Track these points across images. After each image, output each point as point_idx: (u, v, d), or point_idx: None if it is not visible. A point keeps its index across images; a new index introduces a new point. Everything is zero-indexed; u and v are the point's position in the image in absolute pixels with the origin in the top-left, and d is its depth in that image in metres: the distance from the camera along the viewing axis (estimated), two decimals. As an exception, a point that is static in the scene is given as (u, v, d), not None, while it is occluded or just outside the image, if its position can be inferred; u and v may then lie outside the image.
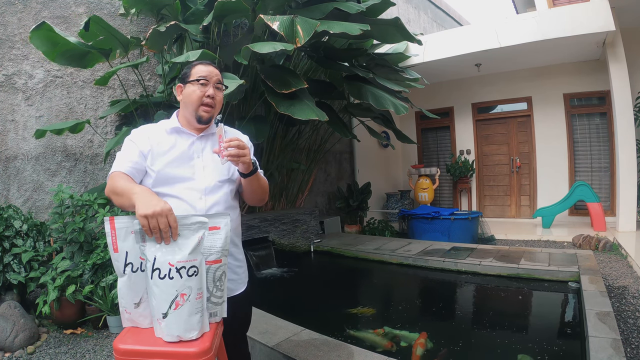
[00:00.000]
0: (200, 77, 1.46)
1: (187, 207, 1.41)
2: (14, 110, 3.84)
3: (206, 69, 1.49)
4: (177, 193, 1.42)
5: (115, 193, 1.33)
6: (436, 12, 11.42)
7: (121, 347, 1.25)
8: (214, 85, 1.48)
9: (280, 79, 3.88)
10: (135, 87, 4.66)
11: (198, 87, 1.46)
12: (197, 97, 1.46)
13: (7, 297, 3.10)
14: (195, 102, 1.46)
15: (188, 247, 1.23)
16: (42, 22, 3.20)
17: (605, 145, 6.81)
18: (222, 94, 1.54)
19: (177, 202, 1.40)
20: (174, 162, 1.43)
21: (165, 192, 1.42)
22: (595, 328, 2.29)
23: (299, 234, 5.25)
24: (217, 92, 1.50)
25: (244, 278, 1.61)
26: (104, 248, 3.26)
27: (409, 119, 8.60)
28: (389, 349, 2.46)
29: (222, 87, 1.53)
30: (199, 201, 1.43)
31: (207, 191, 1.45)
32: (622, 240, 5.03)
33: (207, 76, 1.47)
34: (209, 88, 1.47)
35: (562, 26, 5.42)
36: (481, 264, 3.99)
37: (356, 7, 3.84)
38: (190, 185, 1.43)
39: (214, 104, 1.49)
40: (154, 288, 1.23)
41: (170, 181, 1.42)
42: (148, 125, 1.55)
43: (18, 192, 3.80)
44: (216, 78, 1.49)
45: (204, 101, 1.46)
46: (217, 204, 1.46)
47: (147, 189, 1.33)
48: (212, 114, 1.49)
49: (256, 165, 1.45)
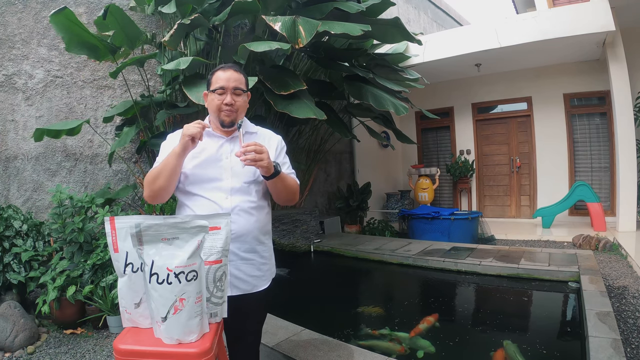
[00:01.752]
0: (217, 88, 1.51)
1: (215, 205, 1.48)
2: (14, 110, 3.83)
3: (224, 76, 1.52)
4: (205, 193, 1.49)
5: (156, 176, 1.44)
6: (436, 12, 11.42)
7: (121, 347, 1.25)
8: (232, 92, 1.51)
9: (279, 80, 3.87)
10: (136, 87, 4.66)
11: (216, 96, 1.51)
12: (216, 106, 1.52)
13: (7, 297, 3.10)
14: (215, 110, 1.53)
15: (187, 252, 1.23)
16: (64, 7, 3.21)
17: (605, 145, 6.81)
18: (244, 97, 1.56)
19: (204, 202, 1.49)
20: (203, 164, 1.50)
21: (194, 191, 1.50)
22: (595, 328, 2.29)
23: (299, 234, 5.25)
24: (236, 98, 1.53)
25: (268, 276, 1.64)
26: (104, 248, 3.26)
27: (409, 119, 8.60)
28: (403, 353, 2.44)
29: (242, 92, 1.54)
30: (225, 201, 1.49)
31: (233, 191, 1.50)
32: (622, 240, 5.03)
33: (225, 85, 1.51)
34: (226, 96, 1.51)
35: (562, 26, 5.41)
36: (481, 264, 3.99)
37: (356, 7, 3.83)
38: (218, 186, 1.49)
39: (235, 109, 1.52)
40: (153, 292, 1.23)
41: (199, 182, 1.49)
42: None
43: (18, 192, 3.80)
44: (234, 84, 1.52)
45: (222, 109, 1.51)
46: (243, 203, 1.51)
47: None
48: (234, 118, 1.53)
49: (278, 168, 1.48)
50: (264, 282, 1.61)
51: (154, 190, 1.45)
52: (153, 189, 1.45)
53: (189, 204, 1.52)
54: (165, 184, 1.43)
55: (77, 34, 3.37)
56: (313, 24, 3.34)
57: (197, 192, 1.50)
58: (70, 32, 3.35)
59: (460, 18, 12.92)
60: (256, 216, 1.54)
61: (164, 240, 1.25)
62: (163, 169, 1.42)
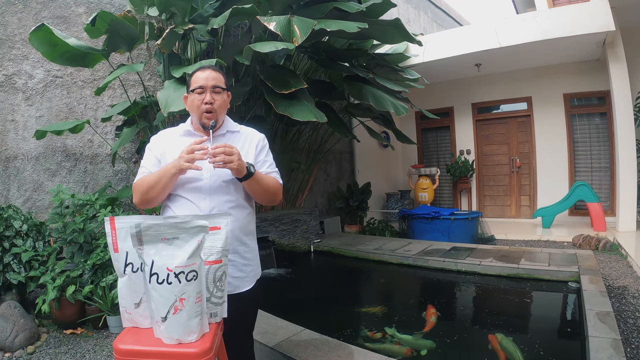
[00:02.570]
0: (196, 87, 1.52)
1: (193, 206, 1.47)
2: (14, 110, 3.84)
3: (203, 75, 1.53)
4: (185, 194, 1.49)
5: (149, 187, 1.45)
6: (436, 12, 11.42)
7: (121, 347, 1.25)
8: (212, 91, 1.52)
9: (280, 79, 3.87)
10: (136, 87, 4.66)
11: (196, 96, 1.52)
12: (196, 106, 1.53)
13: (7, 297, 3.10)
14: (196, 111, 1.53)
15: (187, 252, 1.23)
16: (42, 24, 3.21)
17: (605, 145, 6.81)
18: (224, 96, 1.56)
19: (184, 202, 1.49)
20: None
21: (176, 192, 1.50)
22: (595, 328, 2.29)
23: (299, 234, 5.25)
24: (215, 97, 1.52)
25: (251, 277, 1.62)
26: (104, 248, 3.25)
27: (409, 119, 8.59)
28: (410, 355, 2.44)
29: (221, 89, 1.54)
30: (202, 201, 1.48)
31: (211, 191, 1.49)
32: (622, 240, 5.03)
33: (204, 84, 1.51)
34: (205, 95, 1.51)
35: (562, 26, 5.41)
36: (481, 264, 3.99)
37: (356, 7, 3.83)
38: (197, 186, 1.49)
39: (214, 109, 1.52)
40: (153, 292, 1.23)
41: (181, 182, 1.48)
42: (166, 129, 1.64)
43: (18, 192, 3.80)
44: (213, 83, 1.52)
45: (202, 108, 1.51)
46: (221, 204, 1.50)
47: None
48: (215, 119, 1.53)
49: (251, 170, 1.46)
50: (247, 283, 1.59)
51: (146, 199, 1.48)
52: (145, 198, 1.48)
53: (171, 205, 1.52)
54: (158, 196, 1.47)
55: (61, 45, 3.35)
56: (308, 22, 3.33)
57: (178, 193, 1.49)
58: (53, 44, 3.34)
59: (460, 18, 12.92)
60: (235, 216, 1.51)
61: (164, 240, 1.25)
62: (157, 182, 1.44)
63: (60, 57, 3.48)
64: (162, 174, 1.43)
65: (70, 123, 3.77)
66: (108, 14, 3.41)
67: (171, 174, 1.41)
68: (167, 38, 3.41)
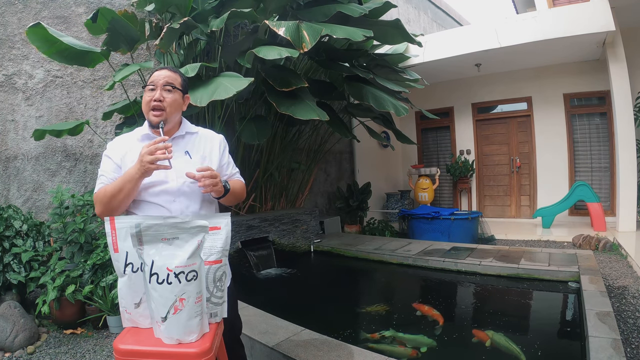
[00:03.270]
0: (148, 84, 1.50)
1: (164, 210, 1.44)
2: (14, 110, 3.84)
3: (157, 73, 1.52)
4: (152, 198, 1.45)
5: (112, 196, 1.38)
6: (436, 12, 11.42)
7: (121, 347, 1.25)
8: (162, 88, 1.48)
9: (281, 78, 3.88)
10: (136, 86, 4.66)
11: (148, 93, 1.50)
12: (145, 103, 1.49)
13: (7, 297, 3.10)
14: (145, 108, 1.50)
15: (187, 251, 1.23)
16: (37, 22, 3.20)
17: (605, 145, 6.81)
18: (175, 95, 1.51)
19: (151, 207, 1.45)
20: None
21: (141, 198, 1.45)
22: (595, 328, 2.29)
23: (299, 234, 5.25)
24: (165, 95, 1.48)
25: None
26: (104, 248, 3.26)
27: (409, 119, 8.60)
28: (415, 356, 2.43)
29: (172, 88, 1.51)
30: (173, 203, 1.45)
31: (180, 193, 1.46)
32: (622, 240, 5.03)
33: (154, 81, 1.49)
34: (156, 92, 1.48)
35: (562, 26, 5.41)
36: (481, 264, 3.99)
37: (359, 10, 3.84)
38: (164, 189, 1.45)
39: (163, 107, 1.48)
40: (153, 292, 1.23)
41: (145, 186, 1.43)
42: (123, 135, 1.59)
43: (18, 192, 3.80)
44: (164, 80, 1.49)
45: (151, 105, 1.47)
46: (192, 204, 1.48)
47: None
48: (162, 118, 1.47)
49: (227, 187, 1.50)
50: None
51: (109, 209, 1.40)
52: (108, 208, 1.40)
53: (135, 212, 1.47)
54: (121, 204, 1.40)
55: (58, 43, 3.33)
56: (316, 28, 3.34)
57: (144, 198, 1.45)
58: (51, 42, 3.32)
59: (460, 18, 12.92)
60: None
61: (164, 240, 1.25)
62: (120, 189, 1.37)
63: (58, 55, 3.44)
64: (126, 179, 1.36)
65: (70, 124, 3.76)
66: (109, 11, 3.39)
67: (135, 179, 1.35)
68: (166, 36, 3.40)
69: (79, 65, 3.80)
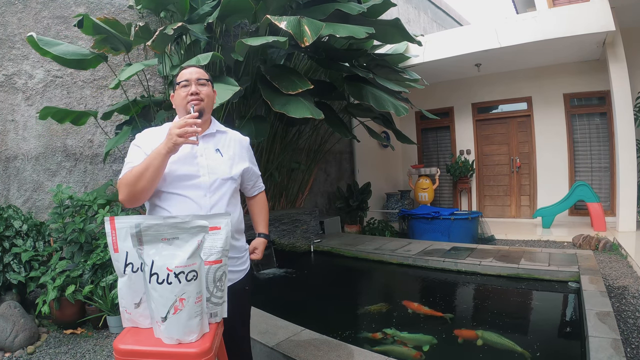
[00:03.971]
0: (181, 81, 1.56)
1: (194, 204, 1.46)
2: (14, 110, 3.84)
3: (187, 71, 1.58)
4: (183, 191, 1.47)
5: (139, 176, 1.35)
6: (436, 12, 11.42)
7: (121, 347, 1.25)
8: (197, 83, 1.55)
9: (286, 79, 3.87)
10: (136, 87, 4.66)
11: (182, 89, 1.55)
12: (181, 98, 1.55)
13: (7, 297, 3.10)
14: (183, 103, 1.55)
15: (187, 251, 1.23)
16: (30, 34, 3.22)
17: (605, 145, 6.81)
18: (209, 88, 1.59)
19: (183, 200, 1.46)
20: (179, 162, 1.46)
21: (171, 190, 1.47)
22: (595, 328, 2.29)
23: (299, 234, 5.25)
24: (201, 88, 1.56)
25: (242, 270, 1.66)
26: (104, 248, 3.26)
27: (409, 119, 8.60)
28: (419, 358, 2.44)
29: (206, 81, 1.58)
30: (203, 198, 1.48)
31: (212, 189, 1.50)
32: (622, 240, 5.03)
33: (188, 77, 1.55)
34: (191, 87, 1.54)
35: (562, 26, 5.41)
36: (481, 264, 3.99)
37: (357, 8, 3.83)
38: (196, 183, 1.48)
39: (201, 98, 1.55)
40: (153, 292, 1.23)
41: (177, 179, 1.47)
42: (152, 128, 1.61)
43: (18, 192, 3.80)
44: (197, 76, 1.56)
45: (188, 99, 1.53)
46: (221, 200, 1.51)
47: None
48: (201, 107, 1.54)
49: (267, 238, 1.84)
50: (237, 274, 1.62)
51: (135, 192, 1.36)
52: (133, 190, 1.36)
53: (165, 205, 1.46)
54: (148, 185, 1.36)
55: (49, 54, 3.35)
56: (317, 24, 3.35)
57: (174, 191, 1.45)
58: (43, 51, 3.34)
59: (460, 18, 12.92)
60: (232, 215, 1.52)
61: (164, 240, 1.25)
62: (146, 169, 1.34)
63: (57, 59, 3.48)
64: (153, 156, 1.34)
65: (76, 112, 3.79)
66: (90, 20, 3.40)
67: (163, 155, 1.33)
68: (158, 39, 3.40)
69: (76, 69, 3.82)
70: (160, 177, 1.39)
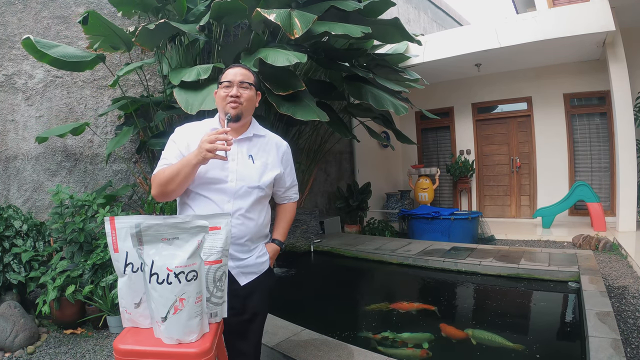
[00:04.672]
0: (223, 81, 1.55)
1: (216, 207, 1.47)
2: (14, 110, 3.84)
3: (232, 71, 1.57)
4: (209, 194, 1.49)
5: (170, 179, 1.41)
6: (436, 12, 11.42)
7: (121, 347, 1.25)
8: (239, 85, 1.54)
9: (279, 80, 3.87)
10: (136, 87, 4.66)
11: (223, 89, 1.54)
12: (221, 98, 1.55)
13: (7, 297, 3.10)
14: (222, 104, 1.55)
15: (187, 251, 1.23)
16: (27, 37, 3.23)
17: (605, 145, 6.81)
18: (251, 92, 1.58)
19: (207, 202, 1.49)
20: (211, 164, 1.45)
21: (198, 191, 1.50)
22: (595, 328, 2.29)
23: (299, 234, 5.25)
24: (242, 91, 1.54)
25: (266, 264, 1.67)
26: (104, 248, 3.25)
27: (409, 119, 8.60)
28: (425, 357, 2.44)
29: (248, 85, 1.56)
30: (227, 204, 1.49)
31: (237, 196, 1.50)
32: (622, 240, 5.03)
33: (232, 79, 1.54)
34: (232, 89, 1.53)
35: (562, 26, 5.41)
36: (481, 264, 3.99)
37: (353, 5, 3.82)
38: (222, 188, 1.49)
39: (241, 102, 1.53)
40: (153, 292, 1.23)
41: (205, 181, 1.48)
42: (192, 123, 1.63)
43: (18, 192, 3.80)
44: (240, 78, 1.55)
45: (228, 100, 1.53)
46: (243, 207, 1.52)
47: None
48: (239, 111, 1.53)
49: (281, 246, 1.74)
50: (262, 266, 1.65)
51: (165, 192, 1.44)
52: (164, 190, 1.44)
53: (191, 203, 1.52)
54: (178, 188, 1.43)
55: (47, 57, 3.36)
56: (308, 17, 3.33)
57: (201, 192, 1.49)
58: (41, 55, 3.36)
59: (460, 18, 12.92)
60: (255, 221, 1.55)
61: (164, 240, 1.25)
62: (177, 173, 1.39)
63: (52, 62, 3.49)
64: (184, 163, 1.39)
65: (71, 125, 3.81)
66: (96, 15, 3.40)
67: (192, 165, 1.37)
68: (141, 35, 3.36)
69: (73, 71, 3.83)
70: (190, 182, 1.45)
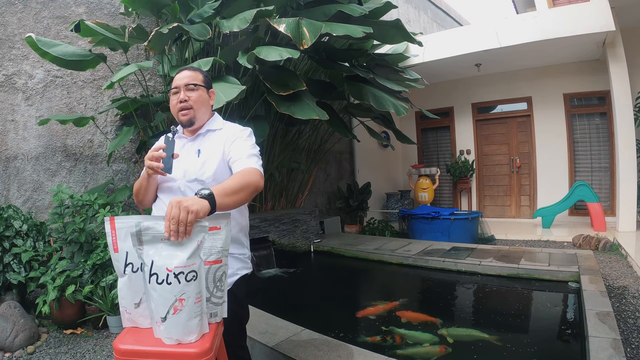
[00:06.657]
0: (171, 88, 1.57)
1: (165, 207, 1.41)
2: (14, 110, 3.84)
3: (178, 76, 1.57)
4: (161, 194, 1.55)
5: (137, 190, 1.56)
6: (436, 12, 11.42)
7: (121, 347, 1.25)
8: (185, 89, 1.54)
9: (279, 80, 3.87)
10: (136, 87, 4.66)
11: (173, 96, 1.57)
12: (173, 106, 1.57)
13: (7, 297, 3.10)
14: (174, 111, 1.56)
15: (187, 252, 1.22)
16: (29, 35, 3.26)
17: (605, 145, 6.81)
18: (199, 92, 1.56)
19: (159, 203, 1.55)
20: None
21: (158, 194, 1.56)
22: (595, 328, 2.29)
23: (299, 234, 5.25)
24: (189, 94, 1.54)
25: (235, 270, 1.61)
26: (104, 248, 3.26)
27: (409, 119, 8.60)
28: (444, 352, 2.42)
29: (195, 86, 1.55)
30: None
31: (180, 192, 1.49)
32: (622, 240, 5.03)
33: (178, 84, 1.55)
34: (180, 94, 1.54)
35: (562, 26, 5.41)
36: (481, 264, 3.99)
37: (359, 10, 3.84)
38: (169, 186, 1.52)
39: (190, 105, 1.53)
40: (152, 292, 1.23)
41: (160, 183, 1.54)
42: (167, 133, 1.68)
43: (18, 192, 3.80)
44: (185, 81, 1.55)
45: (178, 107, 1.54)
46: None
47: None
48: (191, 116, 1.54)
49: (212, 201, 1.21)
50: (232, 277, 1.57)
51: (138, 201, 1.57)
52: (137, 199, 1.57)
53: (154, 206, 1.59)
54: (145, 198, 1.55)
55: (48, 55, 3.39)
56: (316, 25, 3.34)
57: (158, 194, 1.55)
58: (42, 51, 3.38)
59: (460, 18, 12.92)
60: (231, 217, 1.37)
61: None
62: (140, 186, 1.51)
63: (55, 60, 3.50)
64: (143, 176, 1.48)
65: (76, 115, 3.85)
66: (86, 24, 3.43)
67: (145, 178, 1.47)
68: (154, 39, 3.39)
69: (74, 70, 3.84)
70: (153, 192, 1.54)
